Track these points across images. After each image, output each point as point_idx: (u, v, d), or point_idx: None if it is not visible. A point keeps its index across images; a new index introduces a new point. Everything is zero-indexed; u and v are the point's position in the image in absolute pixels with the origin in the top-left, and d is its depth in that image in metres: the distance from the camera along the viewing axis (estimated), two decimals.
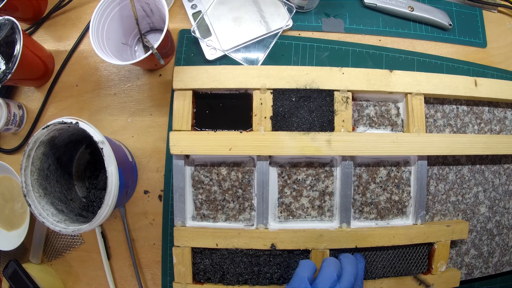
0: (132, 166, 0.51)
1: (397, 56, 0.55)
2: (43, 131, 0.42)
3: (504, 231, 0.54)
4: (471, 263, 0.52)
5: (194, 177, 0.49)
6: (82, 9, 0.58)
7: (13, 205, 0.54)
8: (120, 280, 0.54)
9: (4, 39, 0.48)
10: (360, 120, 0.49)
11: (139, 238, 0.53)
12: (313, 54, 0.54)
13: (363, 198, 0.49)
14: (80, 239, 0.54)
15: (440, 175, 0.51)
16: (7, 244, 0.52)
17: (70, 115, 0.43)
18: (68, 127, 0.43)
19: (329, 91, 0.48)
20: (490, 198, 0.53)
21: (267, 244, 0.46)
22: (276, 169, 0.48)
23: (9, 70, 0.47)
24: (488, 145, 0.49)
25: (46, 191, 0.45)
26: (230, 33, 0.53)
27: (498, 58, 0.58)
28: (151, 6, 0.50)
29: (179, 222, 0.47)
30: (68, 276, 0.55)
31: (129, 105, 0.54)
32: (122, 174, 0.44)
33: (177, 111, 0.47)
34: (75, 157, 0.53)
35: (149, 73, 0.55)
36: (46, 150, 0.45)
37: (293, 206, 0.49)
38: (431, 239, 0.48)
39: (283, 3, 0.54)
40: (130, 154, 0.52)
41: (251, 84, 0.47)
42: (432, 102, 0.51)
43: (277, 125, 0.47)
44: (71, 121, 0.41)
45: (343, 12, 0.56)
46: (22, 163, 0.42)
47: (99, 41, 0.47)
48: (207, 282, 0.48)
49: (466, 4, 0.59)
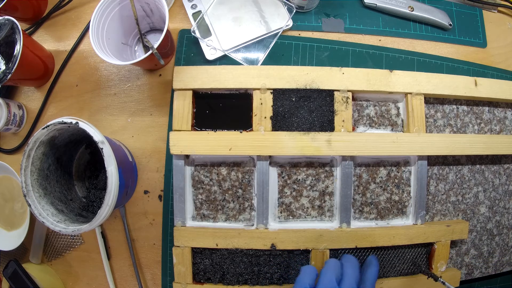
0: (132, 166, 0.51)
1: (397, 56, 0.55)
2: (43, 131, 0.42)
3: (504, 231, 0.54)
4: (471, 263, 0.52)
5: (194, 177, 0.49)
6: (82, 9, 0.58)
7: (13, 205, 0.54)
8: (120, 280, 0.54)
9: (4, 39, 0.48)
10: (360, 120, 0.49)
11: (139, 238, 0.53)
12: (313, 54, 0.54)
13: (363, 198, 0.49)
14: (80, 239, 0.54)
15: (440, 175, 0.51)
16: (7, 244, 0.52)
17: (70, 115, 0.43)
18: (68, 127, 0.43)
19: (329, 91, 0.48)
20: (490, 198, 0.53)
21: (267, 244, 0.46)
22: (276, 169, 0.48)
23: (9, 70, 0.47)
24: (488, 145, 0.49)
25: (46, 191, 0.45)
26: (230, 33, 0.53)
27: (498, 58, 0.58)
28: (151, 6, 0.50)
29: (179, 222, 0.47)
30: (68, 276, 0.55)
31: (129, 105, 0.54)
32: (122, 174, 0.44)
33: (177, 111, 0.47)
34: (75, 157, 0.53)
35: (149, 73, 0.55)
36: (46, 150, 0.45)
37: (293, 206, 0.49)
38: (431, 239, 0.48)
39: (283, 3, 0.54)
40: (130, 154, 0.52)
41: (251, 84, 0.47)
42: (432, 102, 0.51)
43: (277, 125, 0.47)
44: (71, 121, 0.41)
45: (343, 12, 0.56)
46: (22, 163, 0.42)
47: (99, 41, 0.47)
48: (207, 282, 0.48)
49: (466, 4, 0.59)
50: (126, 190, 0.48)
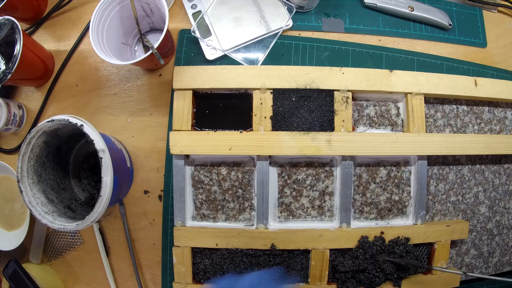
0: (129, 172, 0.51)
1: (397, 56, 0.55)
2: (48, 123, 0.42)
3: (504, 231, 0.54)
4: (471, 263, 0.52)
5: (194, 177, 0.49)
6: (82, 9, 0.58)
7: (13, 205, 0.54)
8: (120, 280, 0.54)
9: (4, 39, 0.48)
10: (360, 120, 0.49)
11: (139, 238, 0.53)
12: (313, 54, 0.54)
13: (363, 198, 0.49)
14: (80, 239, 0.54)
15: (440, 175, 0.51)
16: (7, 244, 0.52)
17: (70, 115, 0.43)
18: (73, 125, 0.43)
19: (329, 91, 0.48)
20: (490, 198, 0.53)
21: (267, 244, 0.46)
22: (276, 169, 0.48)
23: (9, 70, 0.47)
24: (488, 145, 0.49)
25: (40, 178, 0.45)
26: (230, 33, 0.53)
27: (498, 58, 0.58)
28: (151, 6, 0.50)
29: (179, 222, 0.47)
30: (68, 276, 0.55)
31: (129, 105, 0.54)
32: (117, 182, 0.44)
33: (177, 111, 0.47)
34: (76, 147, 0.53)
35: (149, 73, 0.55)
36: (48, 139, 0.45)
37: (293, 206, 0.49)
38: (431, 239, 0.48)
39: (283, 3, 0.54)
40: (129, 158, 0.52)
41: (251, 84, 0.47)
42: (432, 102, 0.51)
43: (277, 125, 0.47)
44: (76, 122, 0.42)
45: (343, 12, 0.56)
46: (21, 148, 0.42)
47: (99, 41, 0.47)
48: (207, 282, 0.48)
49: (466, 4, 0.59)
50: (118, 196, 0.48)
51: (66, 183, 0.52)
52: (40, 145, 0.45)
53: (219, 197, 0.49)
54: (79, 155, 0.54)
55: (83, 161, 0.54)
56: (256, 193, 0.48)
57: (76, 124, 0.42)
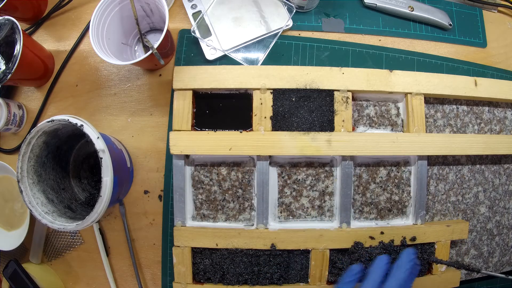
0: (129, 172, 0.51)
1: (397, 56, 0.55)
2: (48, 123, 0.42)
3: (504, 231, 0.54)
4: (471, 263, 0.52)
5: (194, 177, 0.49)
6: (82, 9, 0.58)
7: (13, 205, 0.54)
8: (120, 280, 0.54)
9: (4, 39, 0.48)
10: (360, 120, 0.49)
11: (139, 238, 0.53)
12: (313, 54, 0.54)
13: (363, 198, 0.49)
14: (80, 239, 0.54)
15: (440, 175, 0.51)
16: (7, 244, 0.52)
17: (70, 115, 0.43)
18: (73, 125, 0.44)
19: (329, 91, 0.48)
20: (490, 198, 0.53)
21: (267, 244, 0.46)
22: (276, 169, 0.48)
23: (9, 70, 0.47)
24: (488, 145, 0.49)
25: (40, 178, 0.45)
26: (230, 33, 0.53)
27: (498, 58, 0.58)
28: (151, 6, 0.50)
29: (179, 222, 0.47)
30: (68, 276, 0.55)
31: (129, 105, 0.54)
32: (117, 182, 0.44)
33: (177, 111, 0.47)
34: (76, 147, 0.53)
35: (149, 73, 0.55)
36: (48, 139, 0.45)
37: (293, 206, 0.49)
38: (431, 239, 0.48)
39: (283, 3, 0.54)
40: (129, 158, 0.52)
41: (251, 84, 0.47)
42: (432, 102, 0.51)
43: (277, 125, 0.47)
44: (76, 122, 0.42)
45: (343, 12, 0.56)
46: (21, 149, 0.42)
47: (99, 41, 0.47)
48: (207, 282, 0.48)
49: (466, 4, 0.59)
50: (118, 196, 0.48)
51: (66, 183, 0.52)
52: (40, 145, 0.45)
53: (219, 197, 0.49)
54: (79, 155, 0.54)
55: (83, 161, 0.54)
56: (256, 193, 0.48)
57: (76, 124, 0.42)
